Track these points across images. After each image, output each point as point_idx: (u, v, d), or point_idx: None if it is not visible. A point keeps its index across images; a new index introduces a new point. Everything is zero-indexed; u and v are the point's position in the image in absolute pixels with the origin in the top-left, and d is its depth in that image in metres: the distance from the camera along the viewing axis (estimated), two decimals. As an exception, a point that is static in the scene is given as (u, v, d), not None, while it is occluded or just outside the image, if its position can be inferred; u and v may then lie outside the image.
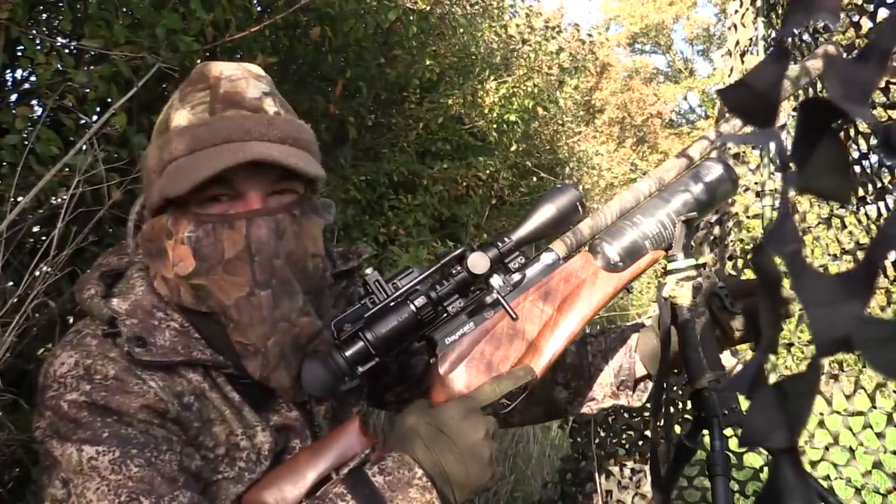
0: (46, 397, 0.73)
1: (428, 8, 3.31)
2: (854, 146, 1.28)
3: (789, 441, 0.21)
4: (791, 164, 0.23)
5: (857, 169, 1.29)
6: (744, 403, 0.90)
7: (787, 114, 1.46)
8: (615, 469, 1.78)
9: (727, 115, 1.05)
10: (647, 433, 1.73)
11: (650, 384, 0.98)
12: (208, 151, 0.75)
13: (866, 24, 1.21)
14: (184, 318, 0.79)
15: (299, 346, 0.79)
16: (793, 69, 0.86)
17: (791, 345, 1.88)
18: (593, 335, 1.02)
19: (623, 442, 1.81)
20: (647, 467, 1.73)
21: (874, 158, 1.28)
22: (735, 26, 1.59)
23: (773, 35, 1.52)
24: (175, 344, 0.77)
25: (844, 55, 1.13)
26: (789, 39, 1.46)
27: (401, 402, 1.04)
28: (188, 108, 0.79)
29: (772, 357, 1.55)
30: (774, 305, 0.22)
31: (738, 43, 1.57)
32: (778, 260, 0.22)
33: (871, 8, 1.17)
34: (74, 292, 0.82)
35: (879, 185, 1.25)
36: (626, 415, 1.78)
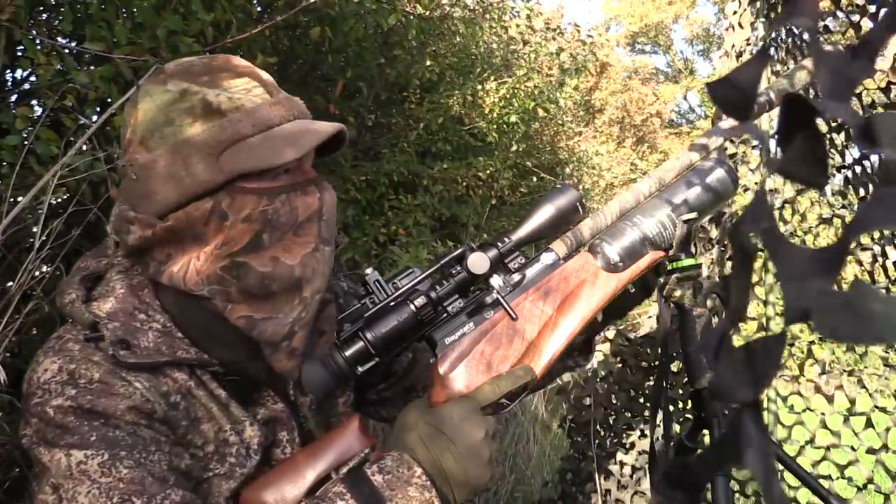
0: (31, 404, 0.72)
1: (427, 13, 3.31)
2: (855, 147, 1.28)
3: (754, 396, 0.23)
4: (775, 152, 0.24)
5: (858, 169, 1.29)
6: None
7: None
8: (615, 468, 1.78)
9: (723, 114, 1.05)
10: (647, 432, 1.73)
11: (597, 348, 0.98)
12: (288, 127, 0.78)
13: (866, 24, 1.21)
14: (166, 319, 0.79)
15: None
16: (791, 70, 0.86)
17: (791, 344, 1.88)
18: None
19: (623, 442, 1.81)
20: (646, 465, 1.73)
21: (875, 158, 1.28)
22: (732, 27, 1.59)
23: (774, 36, 1.52)
24: (159, 345, 0.77)
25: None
26: (790, 40, 1.46)
27: (381, 401, 1.05)
28: (240, 91, 0.78)
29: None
30: (746, 277, 0.24)
31: (733, 46, 1.57)
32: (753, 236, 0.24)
33: (872, 9, 1.17)
34: (55, 297, 0.81)
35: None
36: (626, 414, 1.78)
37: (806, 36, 1.44)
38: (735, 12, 1.59)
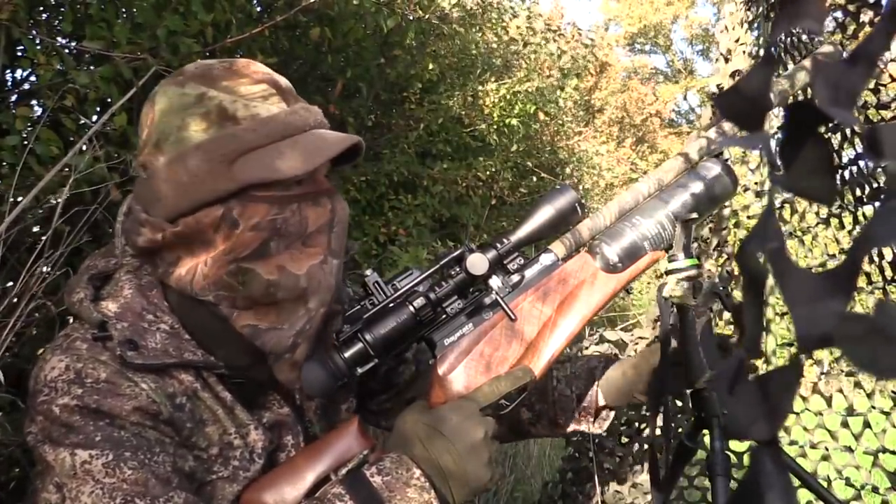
0: (37, 402, 0.72)
1: (426, 16, 3.31)
2: (852, 147, 1.28)
3: (769, 433, 0.22)
4: (779, 166, 0.23)
5: (854, 169, 1.29)
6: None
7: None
8: (612, 464, 1.78)
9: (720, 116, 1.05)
10: (647, 432, 1.73)
11: (612, 413, 1.00)
12: (302, 139, 0.77)
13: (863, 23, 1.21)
14: (174, 320, 0.79)
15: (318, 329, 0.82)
16: (791, 70, 0.86)
17: (793, 344, 1.88)
18: (559, 361, 1.02)
19: (623, 441, 1.81)
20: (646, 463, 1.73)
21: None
22: (727, 28, 1.58)
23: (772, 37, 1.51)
24: (166, 346, 0.76)
25: (842, 53, 1.13)
26: (788, 39, 1.45)
27: (381, 413, 1.04)
28: (257, 99, 0.77)
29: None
30: (759, 303, 0.23)
31: (729, 50, 1.57)
32: (762, 258, 0.22)
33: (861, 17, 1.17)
34: (64, 296, 0.81)
35: (875, 185, 1.25)
36: (627, 412, 1.78)
37: (804, 37, 1.43)
38: (732, 13, 1.59)
